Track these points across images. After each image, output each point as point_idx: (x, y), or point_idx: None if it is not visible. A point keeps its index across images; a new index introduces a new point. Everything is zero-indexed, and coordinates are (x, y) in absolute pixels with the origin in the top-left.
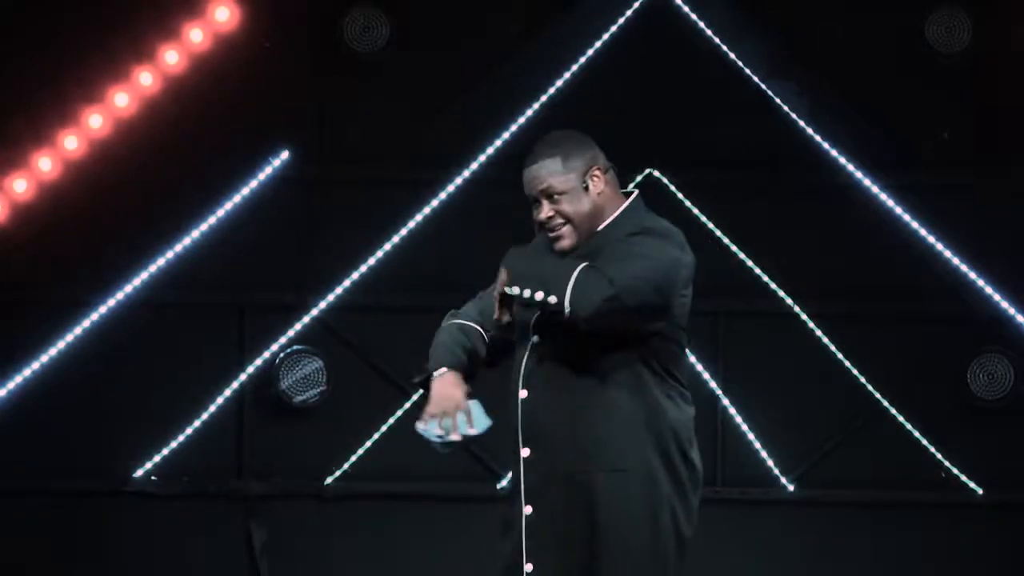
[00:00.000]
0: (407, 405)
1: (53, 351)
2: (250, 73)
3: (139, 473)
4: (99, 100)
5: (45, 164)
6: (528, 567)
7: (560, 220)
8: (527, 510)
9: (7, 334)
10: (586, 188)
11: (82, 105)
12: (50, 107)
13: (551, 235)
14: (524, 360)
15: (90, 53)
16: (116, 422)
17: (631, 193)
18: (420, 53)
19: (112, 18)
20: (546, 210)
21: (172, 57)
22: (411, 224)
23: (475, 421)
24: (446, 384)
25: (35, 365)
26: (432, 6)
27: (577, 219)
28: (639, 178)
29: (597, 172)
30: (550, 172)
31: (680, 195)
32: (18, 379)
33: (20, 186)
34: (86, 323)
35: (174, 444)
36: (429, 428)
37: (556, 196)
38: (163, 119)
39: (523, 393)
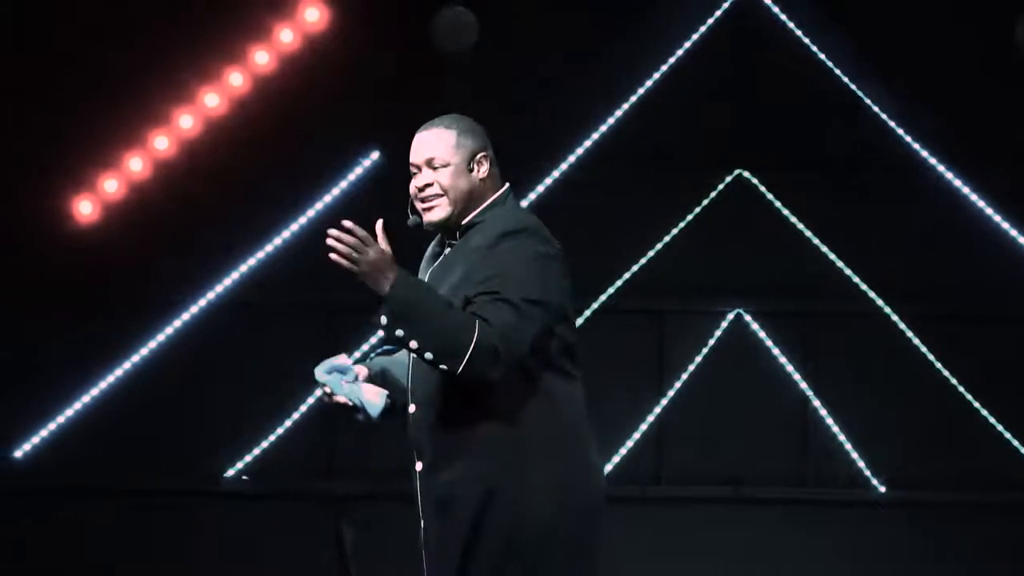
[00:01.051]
0: None
1: (144, 351)
2: (339, 73)
3: (230, 473)
4: (189, 100)
5: (136, 164)
6: None
7: (437, 190)
8: (423, 523)
9: (99, 334)
10: (471, 170)
11: (173, 105)
12: (141, 107)
13: (423, 205)
14: (409, 375)
15: (181, 54)
16: (207, 422)
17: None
18: (508, 53)
19: (202, 19)
20: (425, 177)
21: (262, 57)
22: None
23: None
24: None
25: (127, 365)
26: (520, 6)
27: (453, 194)
28: (728, 179)
29: (484, 159)
30: (441, 141)
31: (769, 196)
32: (110, 378)
33: (111, 186)
34: (177, 323)
35: (265, 444)
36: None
37: (439, 167)
38: (253, 119)
39: (412, 408)
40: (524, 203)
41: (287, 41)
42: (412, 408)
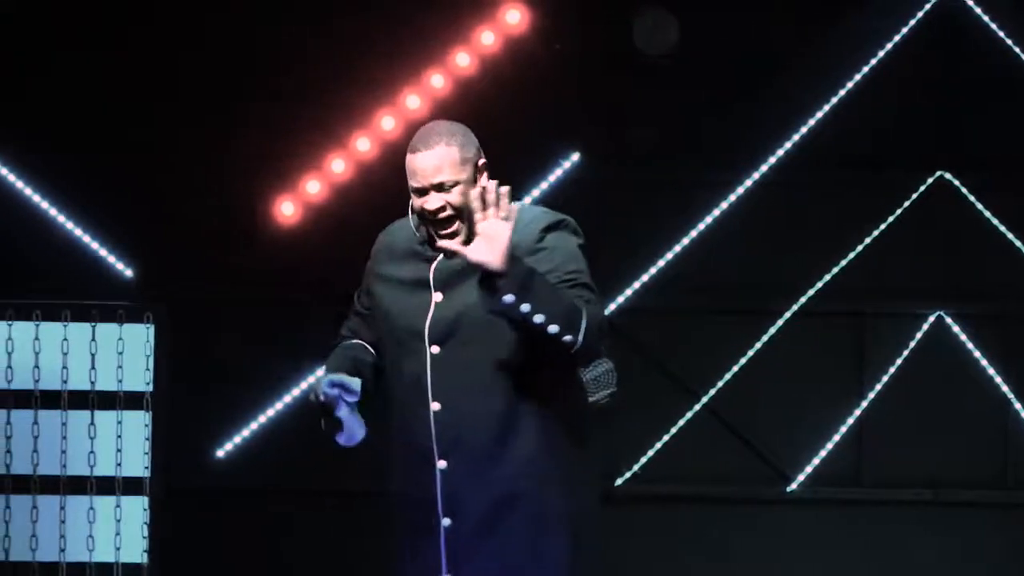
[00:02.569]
0: (696, 407)
1: None
2: (540, 75)
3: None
4: (390, 102)
5: (338, 166)
6: None
7: (450, 212)
8: (446, 521)
9: (301, 334)
10: (475, 181)
11: (374, 107)
12: (343, 110)
13: (441, 229)
14: (426, 372)
15: (383, 56)
16: None
17: None
18: (709, 53)
19: (403, 21)
20: (436, 200)
21: (463, 59)
22: (701, 226)
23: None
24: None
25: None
26: (720, 6)
27: (466, 212)
28: (930, 180)
29: (484, 165)
30: (446, 161)
31: (971, 198)
32: (311, 379)
33: (313, 187)
34: None
35: None
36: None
37: (449, 188)
38: (454, 121)
39: (435, 405)
40: (725, 205)
41: (488, 43)
42: (436, 407)
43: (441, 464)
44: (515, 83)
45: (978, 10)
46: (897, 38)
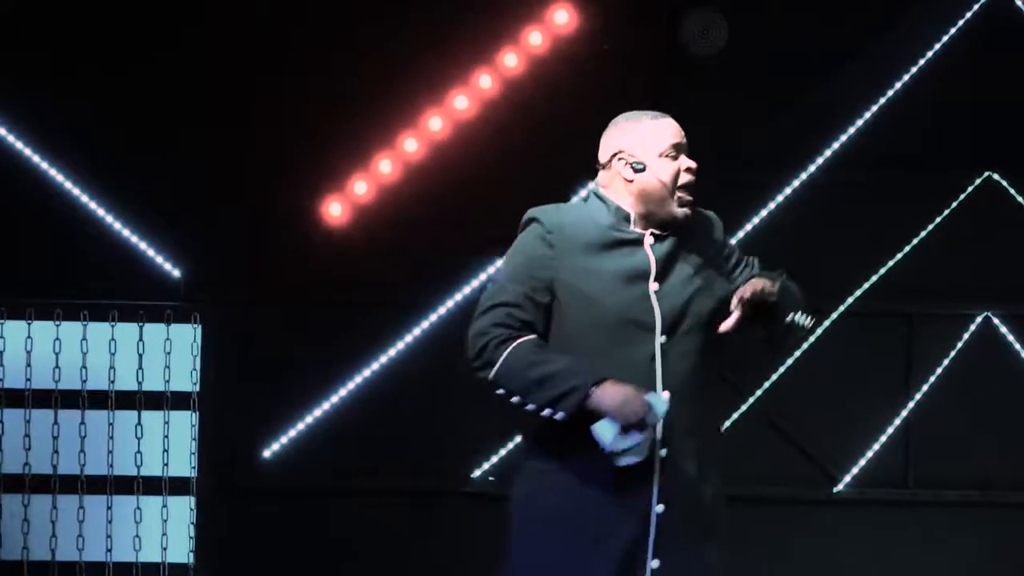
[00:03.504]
0: (744, 408)
1: (392, 352)
2: (588, 75)
3: (477, 473)
4: (439, 103)
5: (385, 166)
6: (655, 563)
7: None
8: (659, 508)
9: (347, 335)
10: None
11: (422, 107)
12: (391, 110)
13: (686, 196)
14: (655, 360)
15: (430, 56)
16: (454, 423)
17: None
18: (758, 54)
19: (451, 21)
20: (690, 162)
21: (511, 60)
22: (748, 227)
23: (658, 408)
24: (614, 390)
25: (375, 365)
26: (768, 7)
27: None
28: (978, 181)
29: None
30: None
31: (1020, 198)
32: (358, 379)
33: (360, 188)
34: (425, 324)
35: (511, 446)
36: (628, 439)
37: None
38: (501, 122)
39: (666, 394)
40: (772, 205)
41: (536, 43)
42: (666, 395)
43: (662, 452)
44: (562, 83)
45: None
46: (945, 38)
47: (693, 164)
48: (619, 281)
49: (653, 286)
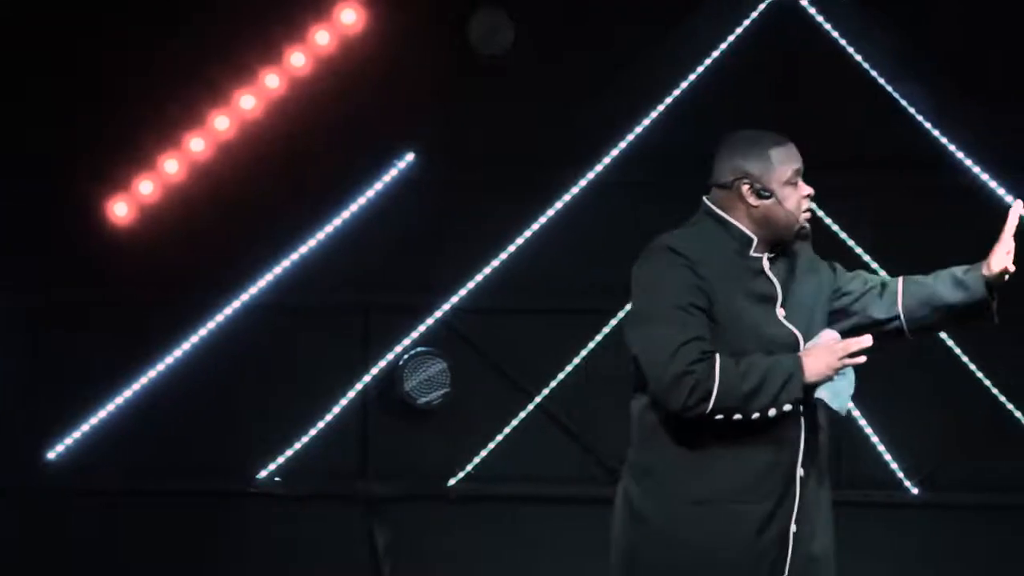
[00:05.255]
0: (530, 407)
1: (179, 352)
2: (375, 75)
3: (263, 474)
4: (225, 103)
5: (171, 166)
6: None
7: None
8: (793, 527)
9: (134, 336)
10: None
11: (208, 107)
12: (176, 109)
13: (807, 221)
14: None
15: (216, 55)
16: (241, 423)
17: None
18: (545, 55)
19: (238, 21)
20: (809, 189)
21: (298, 59)
22: (535, 226)
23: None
24: (812, 354)
25: (161, 367)
26: (558, 8)
27: None
28: None
29: None
30: None
31: None
32: (143, 380)
33: (146, 188)
34: (211, 325)
35: (298, 445)
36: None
37: None
38: (289, 121)
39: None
40: (559, 205)
41: (323, 43)
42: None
43: (800, 471)
44: (350, 83)
45: (812, 10)
46: (732, 38)
47: (812, 191)
48: (754, 306)
49: (780, 312)
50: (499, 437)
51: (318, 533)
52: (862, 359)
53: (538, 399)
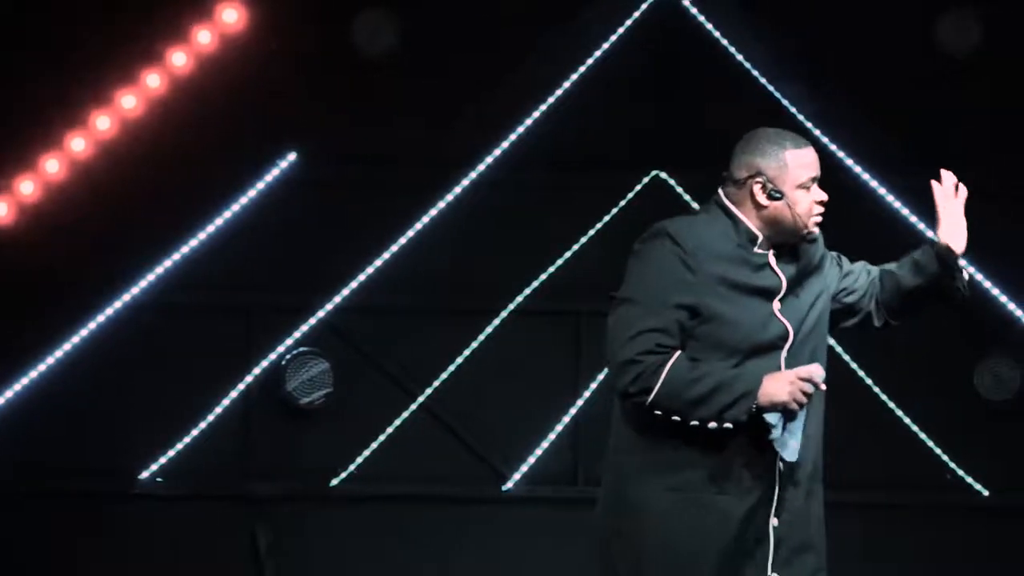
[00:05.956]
0: (413, 407)
1: (60, 353)
2: (258, 75)
3: (145, 475)
4: (106, 102)
5: (52, 166)
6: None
7: None
8: (774, 521)
9: (14, 335)
10: None
11: (89, 107)
12: (57, 109)
13: (816, 227)
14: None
15: (97, 54)
16: (123, 424)
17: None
18: (429, 55)
19: (119, 20)
20: (822, 195)
21: (180, 59)
22: (418, 226)
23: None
24: (777, 378)
25: (42, 367)
26: (441, 8)
27: None
28: (645, 180)
29: None
30: None
31: (687, 197)
32: (25, 380)
33: (27, 188)
34: (92, 325)
35: (180, 446)
36: (793, 428)
37: None
38: (170, 121)
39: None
40: (442, 204)
41: (205, 42)
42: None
43: (780, 466)
44: (232, 82)
45: (694, 10)
46: (614, 37)
47: (825, 197)
48: (750, 300)
49: (776, 305)
50: (381, 437)
51: (200, 533)
52: (822, 386)
53: (421, 399)
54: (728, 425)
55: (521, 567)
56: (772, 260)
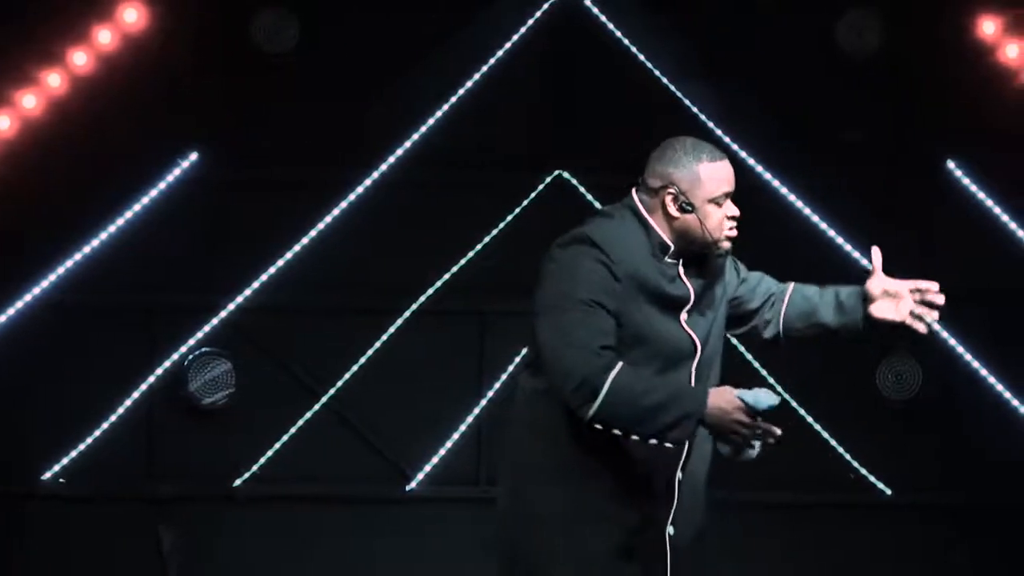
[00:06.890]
0: (316, 407)
1: None
2: (159, 74)
3: (47, 475)
4: (6, 102)
5: None
6: None
7: None
8: (670, 530)
9: None
10: None
11: None
12: None
13: (728, 242)
14: (691, 382)
15: None
16: (25, 424)
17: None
18: (330, 54)
19: (18, 20)
20: (734, 210)
21: (80, 58)
22: (320, 225)
23: (763, 400)
24: (723, 409)
25: None
26: (342, 7)
27: None
28: (548, 179)
29: None
30: None
31: (589, 196)
32: None
33: None
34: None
35: (83, 446)
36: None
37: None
38: (71, 121)
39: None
40: (344, 204)
41: (105, 42)
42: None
43: (679, 475)
44: (133, 82)
45: (595, 10)
46: (516, 37)
47: (737, 212)
48: (663, 311)
49: (684, 316)
50: (285, 437)
51: (104, 534)
52: (755, 448)
53: (324, 399)
54: (669, 445)
55: (424, 567)
56: (681, 271)
